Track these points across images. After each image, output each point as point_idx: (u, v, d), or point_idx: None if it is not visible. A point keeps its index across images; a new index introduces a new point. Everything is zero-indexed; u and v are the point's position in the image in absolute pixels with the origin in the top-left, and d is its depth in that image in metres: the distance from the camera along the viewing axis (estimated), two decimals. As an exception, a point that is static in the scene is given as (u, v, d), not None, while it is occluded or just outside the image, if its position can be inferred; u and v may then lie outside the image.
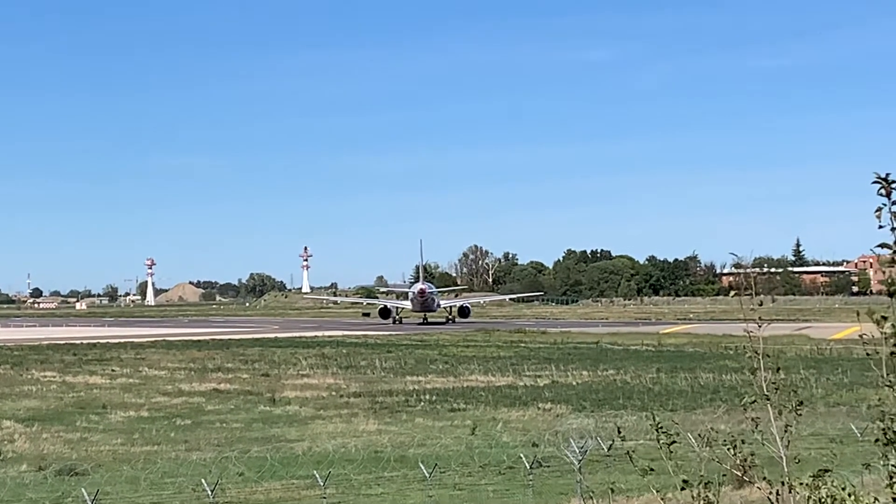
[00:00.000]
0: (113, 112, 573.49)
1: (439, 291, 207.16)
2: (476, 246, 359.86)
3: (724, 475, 10.31)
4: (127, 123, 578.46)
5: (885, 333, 8.93)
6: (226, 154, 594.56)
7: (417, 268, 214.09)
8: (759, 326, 10.32)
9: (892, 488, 9.07)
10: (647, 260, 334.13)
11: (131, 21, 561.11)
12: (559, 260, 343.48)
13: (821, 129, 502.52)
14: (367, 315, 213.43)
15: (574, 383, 72.51)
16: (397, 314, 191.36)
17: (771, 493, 9.95)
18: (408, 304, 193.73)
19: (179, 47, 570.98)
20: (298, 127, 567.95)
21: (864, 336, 9.24)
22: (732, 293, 11.26)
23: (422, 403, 62.69)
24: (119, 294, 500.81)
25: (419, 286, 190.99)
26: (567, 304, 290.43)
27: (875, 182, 8.47)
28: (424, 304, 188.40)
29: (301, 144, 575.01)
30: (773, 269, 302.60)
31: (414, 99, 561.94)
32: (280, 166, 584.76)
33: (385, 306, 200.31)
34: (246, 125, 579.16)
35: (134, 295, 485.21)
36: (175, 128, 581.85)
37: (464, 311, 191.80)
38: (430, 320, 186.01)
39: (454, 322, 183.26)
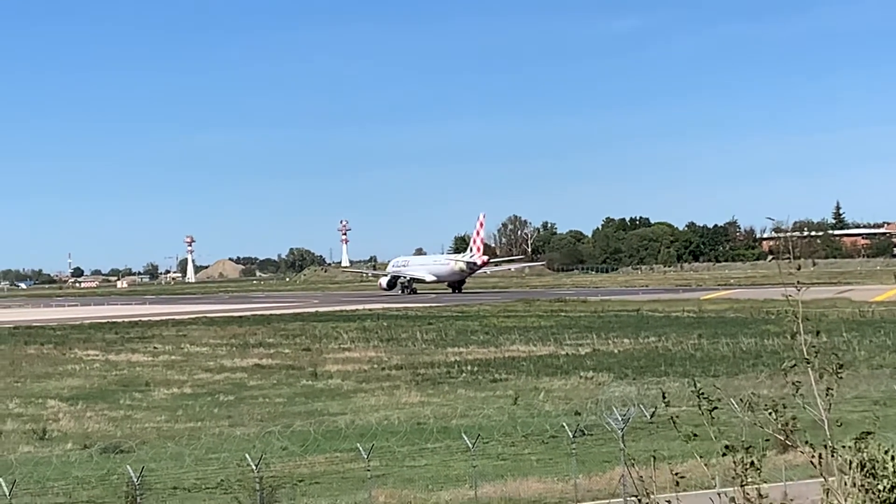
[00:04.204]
0: (153, 91, 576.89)
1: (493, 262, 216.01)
2: (515, 216, 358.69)
3: (766, 440, 10.22)
4: (167, 102, 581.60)
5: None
6: (264, 130, 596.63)
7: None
8: (798, 290, 10.23)
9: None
10: (686, 226, 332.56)
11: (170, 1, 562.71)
12: (598, 228, 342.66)
13: (860, 92, 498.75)
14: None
15: (615, 351, 72.40)
16: (409, 284, 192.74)
17: (814, 456, 9.89)
18: (428, 276, 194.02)
19: (218, 25, 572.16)
20: (337, 102, 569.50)
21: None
22: (770, 257, 11.19)
23: (463, 374, 62.77)
24: (159, 272, 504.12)
25: (481, 257, 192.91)
26: (607, 272, 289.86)
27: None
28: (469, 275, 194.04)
29: (339, 119, 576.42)
30: (813, 233, 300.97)
31: (449, 73, 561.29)
32: (319, 141, 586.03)
33: (392, 278, 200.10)
34: (285, 102, 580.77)
35: (174, 272, 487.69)
36: (214, 105, 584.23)
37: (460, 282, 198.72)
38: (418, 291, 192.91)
39: (460, 291, 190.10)
